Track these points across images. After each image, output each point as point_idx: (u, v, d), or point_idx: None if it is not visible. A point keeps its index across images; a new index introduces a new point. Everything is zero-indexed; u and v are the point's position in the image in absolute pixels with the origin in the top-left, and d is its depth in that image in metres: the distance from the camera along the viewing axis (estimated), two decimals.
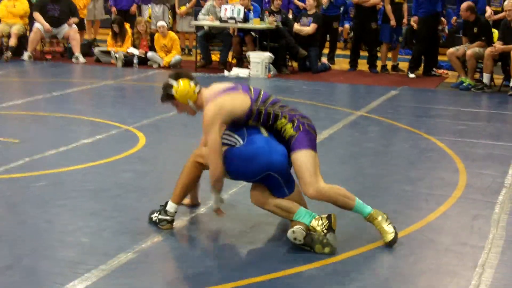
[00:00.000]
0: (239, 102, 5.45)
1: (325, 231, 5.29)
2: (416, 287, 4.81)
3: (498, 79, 13.54)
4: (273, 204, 5.47)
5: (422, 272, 5.01)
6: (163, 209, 5.69)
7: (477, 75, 13.83)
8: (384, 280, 4.86)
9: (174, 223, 5.71)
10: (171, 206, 5.67)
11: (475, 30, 13.51)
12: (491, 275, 4.94)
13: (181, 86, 5.57)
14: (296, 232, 5.19)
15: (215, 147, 5.33)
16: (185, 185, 5.68)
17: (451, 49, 13.72)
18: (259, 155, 5.34)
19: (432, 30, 14.72)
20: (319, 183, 5.42)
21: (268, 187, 5.50)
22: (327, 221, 5.33)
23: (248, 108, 5.44)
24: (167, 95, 5.65)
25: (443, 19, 15.47)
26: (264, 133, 5.51)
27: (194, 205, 6.19)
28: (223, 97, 5.46)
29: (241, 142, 5.43)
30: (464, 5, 13.66)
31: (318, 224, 5.33)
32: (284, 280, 4.86)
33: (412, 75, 14.71)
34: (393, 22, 15.00)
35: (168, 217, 5.66)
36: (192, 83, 5.60)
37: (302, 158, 5.40)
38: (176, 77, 5.62)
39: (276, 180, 5.43)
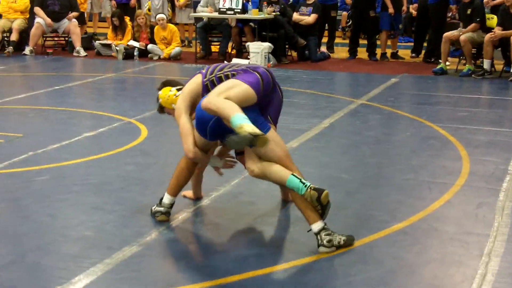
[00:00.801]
0: (193, 81, 5.66)
1: (319, 211, 5.12)
2: (421, 277, 4.78)
3: (499, 64, 13.52)
4: (267, 174, 5.29)
5: (427, 262, 4.99)
6: (159, 201, 5.73)
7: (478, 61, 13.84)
8: (390, 270, 4.85)
9: (180, 216, 5.74)
10: (166, 198, 5.71)
11: (468, 11, 13.44)
12: (498, 263, 4.91)
13: (162, 93, 5.91)
14: (329, 252, 5.07)
15: (184, 131, 5.51)
16: (177, 176, 5.71)
17: (447, 33, 13.64)
18: None
19: (443, 17, 14.78)
20: (216, 96, 5.20)
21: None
22: (318, 204, 5.10)
23: (201, 82, 5.59)
24: (159, 105, 5.99)
25: (451, 6, 15.47)
26: None
27: (198, 198, 6.19)
28: (184, 87, 5.75)
29: None
30: None
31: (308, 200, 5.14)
32: (289, 272, 4.85)
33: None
34: (391, 10, 15.00)
35: (162, 208, 5.69)
36: (173, 89, 5.88)
37: (223, 82, 5.41)
38: (161, 86, 5.98)
39: None
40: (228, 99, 5.13)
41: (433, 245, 5.28)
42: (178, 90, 5.83)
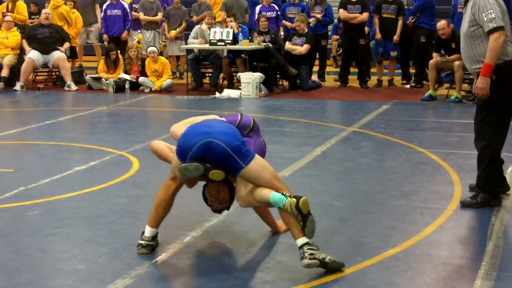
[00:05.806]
0: None
1: (300, 222, 5.14)
2: None
3: None
4: (254, 200, 5.38)
5: (420, 287, 4.98)
6: (142, 233, 5.71)
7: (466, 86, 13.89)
8: None
9: (172, 247, 5.74)
10: (147, 230, 5.69)
11: (453, 45, 13.46)
12: (491, 287, 4.91)
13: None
14: (311, 264, 5.08)
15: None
16: (156, 208, 5.66)
17: (432, 61, 13.63)
18: (197, 126, 5.46)
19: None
20: (178, 128, 5.76)
21: (223, 163, 5.33)
22: (297, 212, 5.12)
23: None
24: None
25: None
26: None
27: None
28: None
29: None
30: (444, 22, 13.57)
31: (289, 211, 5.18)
32: None
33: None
34: (377, 36, 15.13)
35: (143, 242, 5.66)
36: None
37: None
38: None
39: (223, 149, 5.25)
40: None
41: (426, 270, 5.26)
42: None
